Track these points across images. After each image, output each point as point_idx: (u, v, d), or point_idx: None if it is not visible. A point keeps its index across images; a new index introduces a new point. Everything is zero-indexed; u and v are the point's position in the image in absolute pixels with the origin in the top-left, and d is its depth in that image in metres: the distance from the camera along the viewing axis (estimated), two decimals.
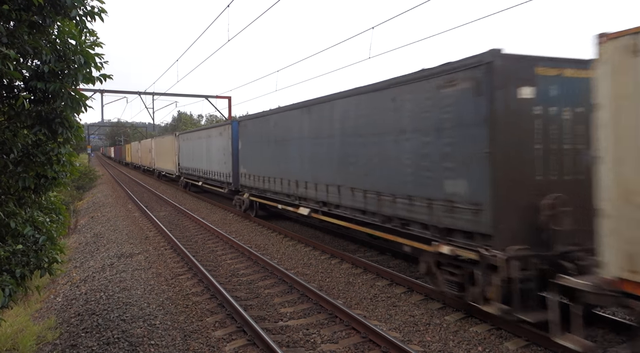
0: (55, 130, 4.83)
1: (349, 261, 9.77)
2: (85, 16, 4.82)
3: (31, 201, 5.27)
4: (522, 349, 5.55)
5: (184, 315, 7.04)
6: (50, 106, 4.78)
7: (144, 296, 7.95)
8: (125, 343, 6.03)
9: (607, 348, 5.52)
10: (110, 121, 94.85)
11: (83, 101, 4.97)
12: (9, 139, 4.60)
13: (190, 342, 6.02)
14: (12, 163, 4.68)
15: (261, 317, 6.83)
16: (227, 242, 12.27)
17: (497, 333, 5.99)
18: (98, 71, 4.99)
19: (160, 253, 11.30)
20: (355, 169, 8.99)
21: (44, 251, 4.89)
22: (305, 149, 11.09)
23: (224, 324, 6.61)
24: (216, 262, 10.25)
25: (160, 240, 12.96)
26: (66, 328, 7.02)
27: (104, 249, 12.56)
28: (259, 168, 14.25)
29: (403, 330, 6.29)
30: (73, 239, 15.99)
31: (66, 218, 5.90)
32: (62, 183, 5.26)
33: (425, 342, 5.87)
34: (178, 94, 33.24)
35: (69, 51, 4.77)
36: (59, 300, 8.85)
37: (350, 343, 5.86)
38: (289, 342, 5.92)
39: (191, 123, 79.07)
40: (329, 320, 6.66)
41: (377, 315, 6.85)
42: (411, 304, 7.23)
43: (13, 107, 4.64)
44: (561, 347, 5.28)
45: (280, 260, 10.28)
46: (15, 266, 4.56)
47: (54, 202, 5.79)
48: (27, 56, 4.58)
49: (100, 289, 8.61)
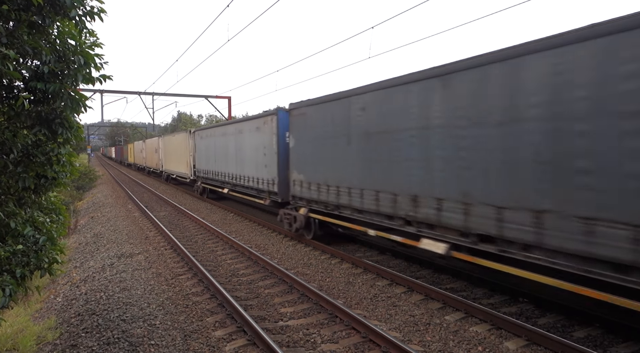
0: (55, 130, 4.84)
1: (349, 261, 9.77)
2: (85, 16, 4.83)
3: (31, 201, 5.28)
4: (522, 349, 5.55)
5: (184, 315, 7.04)
6: (50, 106, 4.79)
7: (144, 297, 7.95)
8: (125, 343, 6.04)
9: (607, 348, 5.52)
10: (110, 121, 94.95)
11: (83, 101, 4.98)
12: (9, 139, 4.61)
13: (191, 342, 6.02)
14: (12, 163, 4.68)
15: (261, 316, 6.83)
16: (227, 242, 12.27)
17: (497, 333, 5.99)
18: (98, 71, 5.00)
19: (160, 253, 11.30)
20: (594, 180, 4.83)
21: (44, 251, 4.89)
22: (438, 145, 7.02)
23: (224, 324, 6.61)
24: (216, 262, 10.26)
25: (160, 240, 12.96)
26: (66, 328, 7.02)
27: (104, 249, 12.56)
28: (329, 175, 10.13)
29: (403, 329, 6.29)
30: (73, 239, 15.99)
31: (66, 218, 5.90)
32: (62, 183, 5.26)
33: (426, 342, 5.87)
34: (178, 94, 33.23)
35: (68, 52, 4.77)
36: (59, 300, 8.85)
37: (351, 343, 5.86)
38: (289, 342, 5.93)
39: (191, 123, 79.10)
40: (329, 320, 6.66)
41: (377, 315, 6.85)
42: (411, 304, 7.23)
43: (13, 107, 4.64)
44: (561, 347, 5.30)
45: (280, 260, 10.29)
46: (16, 267, 4.57)
47: (54, 202, 5.80)
48: (26, 56, 4.58)
49: (100, 289, 8.61)
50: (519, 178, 5.68)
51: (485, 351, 5.55)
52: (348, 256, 9.89)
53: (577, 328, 6.07)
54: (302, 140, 11.33)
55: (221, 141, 18.72)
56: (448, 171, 6.85)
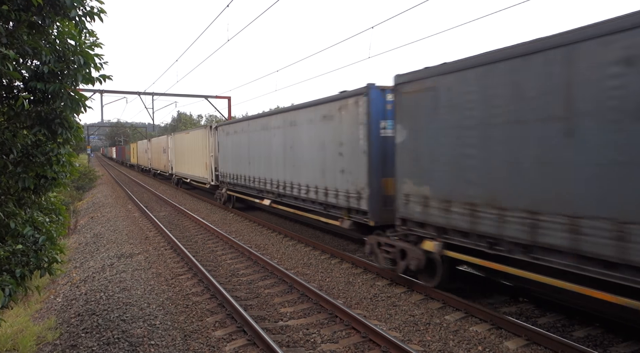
0: (55, 130, 4.84)
1: (349, 260, 9.77)
2: (85, 16, 4.83)
3: (31, 201, 5.28)
4: (522, 348, 5.55)
5: (184, 315, 7.04)
6: (49, 106, 4.79)
7: (144, 297, 7.95)
8: (125, 343, 6.04)
9: (607, 348, 5.53)
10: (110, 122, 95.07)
11: (83, 101, 4.98)
12: (9, 139, 4.61)
13: (190, 342, 6.03)
14: (12, 164, 4.68)
15: (261, 316, 6.84)
16: (227, 242, 12.27)
17: (497, 332, 5.99)
18: (97, 71, 5.00)
19: (160, 253, 11.30)
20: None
21: (43, 251, 4.90)
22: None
23: (224, 324, 6.61)
24: (216, 262, 10.26)
25: (160, 240, 12.96)
26: (66, 328, 7.02)
27: (104, 249, 12.56)
28: (507, 191, 5.80)
29: (403, 329, 6.29)
30: (73, 239, 15.99)
31: (66, 219, 5.91)
32: (61, 183, 5.26)
33: (425, 342, 5.87)
34: (178, 94, 33.23)
35: (68, 52, 4.77)
36: (59, 300, 8.85)
37: (351, 342, 5.86)
38: (289, 342, 5.93)
39: (191, 123, 79.19)
40: (329, 320, 6.66)
41: (377, 315, 6.85)
42: (411, 304, 7.23)
43: (13, 107, 4.64)
44: (561, 346, 5.30)
45: (280, 260, 10.29)
46: (15, 267, 4.57)
47: (53, 202, 5.80)
48: (26, 56, 4.59)
49: (100, 289, 8.62)
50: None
51: (485, 351, 5.55)
52: (348, 255, 9.89)
53: (577, 328, 6.07)
54: (425, 130, 7.15)
55: (259, 138, 14.40)
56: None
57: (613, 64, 4.61)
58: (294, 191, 11.84)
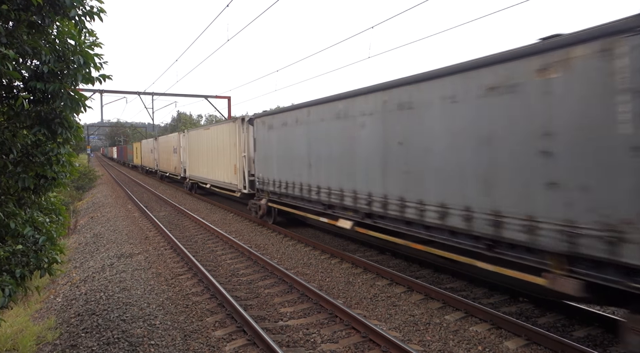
0: (54, 130, 4.84)
1: (349, 260, 9.77)
2: (85, 16, 4.83)
3: (31, 201, 5.28)
4: (522, 348, 5.55)
5: (184, 315, 7.04)
6: (49, 106, 4.79)
7: (144, 297, 7.95)
8: (125, 343, 6.04)
9: (607, 348, 5.53)
10: (110, 121, 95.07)
11: (82, 101, 4.97)
12: (9, 139, 4.61)
13: (190, 342, 6.02)
14: (12, 164, 4.68)
15: (261, 316, 6.84)
16: (227, 242, 12.27)
17: (497, 332, 5.99)
18: (97, 71, 4.99)
19: (160, 253, 11.30)
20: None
21: (43, 251, 4.89)
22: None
23: (224, 324, 6.61)
24: (216, 262, 10.26)
25: (160, 240, 12.96)
26: (66, 328, 7.02)
27: (104, 249, 12.56)
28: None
29: (403, 329, 6.29)
30: (73, 239, 15.99)
31: (66, 219, 5.90)
32: (61, 183, 5.26)
33: (425, 342, 5.87)
34: (177, 94, 33.23)
35: (68, 51, 4.77)
36: (59, 300, 8.85)
37: (350, 342, 5.86)
38: (289, 342, 5.93)
39: (191, 123, 79.21)
40: (329, 320, 6.66)
41: (377, 315, 6.85)
42: (411, 304, 7.23)
43: (12, 107, 4.64)
44: (561, 346, 5.30)
45: (280, 260, 10.29)
46: (15, 267, 4.57)
47: (53, 202, 5.80)
48: (26, 56, 4.58)
49: (100, 289, 8.61)
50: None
51: (485, 350, 5.55)
52: (348, 255, 9.89)
53: (577, 328, 6.08)
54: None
55: (330, 130, 10.20)
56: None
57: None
58: (408, 213, 7.64)
